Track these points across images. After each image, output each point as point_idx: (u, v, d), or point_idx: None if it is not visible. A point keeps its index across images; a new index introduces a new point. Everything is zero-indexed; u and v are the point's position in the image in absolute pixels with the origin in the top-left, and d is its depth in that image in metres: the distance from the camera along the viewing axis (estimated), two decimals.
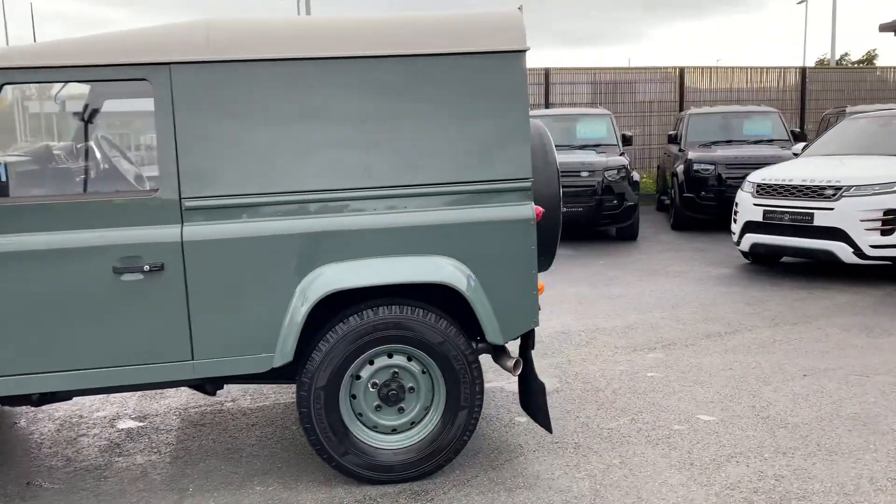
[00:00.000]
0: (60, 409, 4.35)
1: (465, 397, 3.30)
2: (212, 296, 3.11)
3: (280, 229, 3.12)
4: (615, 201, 9.82)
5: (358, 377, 3.28)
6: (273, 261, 3.12)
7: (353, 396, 3.29)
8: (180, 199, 3.07)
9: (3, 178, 3.09)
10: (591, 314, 6.26)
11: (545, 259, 3.86)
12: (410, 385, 3.33)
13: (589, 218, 9.79)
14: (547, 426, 3.47)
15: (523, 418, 4.05)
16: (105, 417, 4.21)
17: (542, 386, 3.46)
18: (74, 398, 4.25)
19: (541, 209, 3.36)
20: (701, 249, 9.32)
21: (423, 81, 3.19)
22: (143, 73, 3.03)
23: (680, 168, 10.98)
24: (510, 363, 3.40)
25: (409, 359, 3.30)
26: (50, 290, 3.00)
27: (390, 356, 3.29)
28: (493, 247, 3.27)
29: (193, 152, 3.06)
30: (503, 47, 3.23)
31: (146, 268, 3.03)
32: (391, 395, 3.29)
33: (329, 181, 3.16)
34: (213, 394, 3.50)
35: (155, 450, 3.78)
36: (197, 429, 4.03)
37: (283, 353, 3.15)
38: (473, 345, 3.45)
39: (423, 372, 3.32)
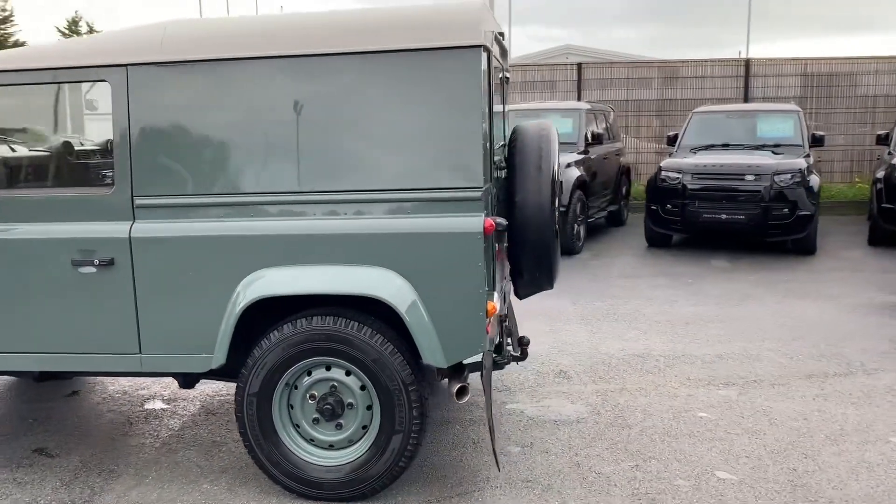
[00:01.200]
0: (117, 382, 4.72)
1: (399, 421, 3.07)
2: (158, 292, 3.17)
3: (221, 230, 3.11)
4: (786, 209, 8.66)
5: (295, 387, 3.18)
6: (214, 261, 3.12)
7: (292, 406, 3.20)
8: (132, 197, 3.16)
9: None
10: (689, 338, 5.58)
11: (541, 278, 3.50)
12: (350, 401, 3.16)
13: (752, 227, 8.74)
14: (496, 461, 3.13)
15: (517, 448, 3.70)
16: (142, 396, 4.51)
17: (490, 421, 3.12)
18: None
19: (492, 222, 3.01)
20: (886, 271, 7.95)
21: (369, 81, 3.00)
22: (102, 75, 3.15)
23: (882, 174, 9.46)
24: (454, 388, 3.11)
25: (348, 373, 3.13)
26: (18, 277, 3.24)
27: (329, 369, 3.14)
28: (436, 261, 3.00)
29: (146, 152, 3.14)
30: (453, 43, 2.94)
31: (96, 261, 3.16)
32: (327, 409, 3.15)
33: (271, 184, 3.09)
34: (189, 387, 3.57)
35: (154, 434, 3.97)
36: (205, 417, 4.17)
37: (219, 355, 3.14)
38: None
39: (363, 389, 3.14)
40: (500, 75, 3.95)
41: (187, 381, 3.52)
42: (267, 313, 3.17)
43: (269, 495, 3.25)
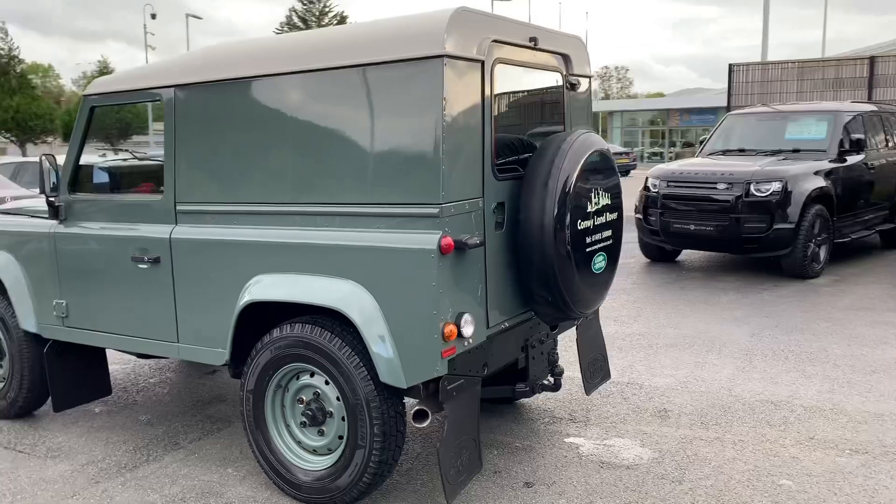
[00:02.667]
0: None
1: (361, 436, 3.04)
2: (189, 289, 3.52)
3: (230, 235, 3.36)
4: None
5: (287, 389, 3.31)
6: (226, 264, 3.37)
7: (284, 407, 3.34)
8: (175, 203, 3.55)
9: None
10: (858, 389, 4.61)
11: (555, 303, 3.22)
12: (330, 409, 3.21)
13: None
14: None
15: (534, 485, 3.42)
16: None
17: (439, 448, 2.94)
18: None
19: (451, 241, 2.83)
20: None
21: (347, 93, 3.03)
22: (157, 95, 3.58)
23: None
24: (412, 411, 2.99)
25: (328, 382, 3.18)
26: (96, 268, 3.82)
27: (312, 375, 3.22)
28: (395, 277, 2.92)
29: (185, 162, 3.50)
30: (412, 54, 2.84)
31: (146, 259, 3.60)
32: (308, 414, 3.24)
33: (264, 195, 3.27)
34: (237, 377, 3.86)
35: (235, 417, 4.37)
36: None
37: (226, 351, 3.39)
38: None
39: (339, 399, 3.16)
40: (561, 83, 3.68)
41: (235, 372, 3.83)
42: (276, 315, 3.34)
43: (268, 488, 3.43)
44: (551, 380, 3.76)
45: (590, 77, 3.91)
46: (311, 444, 3.28)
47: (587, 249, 3.29)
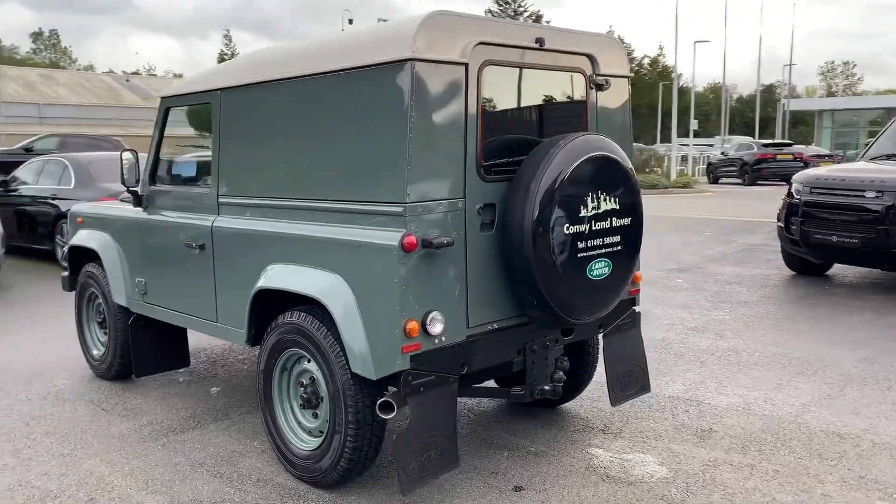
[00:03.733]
0: None
1: (338, 422, 3.19)
2: (225, 274, 3.86)
3: (250, 226, 3.64)
4: None
5: (291, 372, 3.53)
6: (248, 253, 3.66)
7: (289, 387, 3.56)
8: (217, 196, 3.90)
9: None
10: None
11: (540, 308, 3.19)
12: (322, 394, 3.38)
13: None
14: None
15: (523, 489, 3.39)
16: None
17: (395, 440, 2.99)
18: None
19: (414, 240, 2.89)
20: None
21: (334, 96, 3.23)
22: (207, 98, 3.95)
23: None
24: (377, 402, 3.08)
25: (320, 368, 3.35)
26: (162, 251, 4.28)
27: (310, 361, 3.41)
28: (367, 272, 3.05)
29: (225, 158, 3.84)
30: (385, 58, 2.94)
31: (194, 245, 3.99)
32: (304, 397, 3.43)
33: (276, 190, 3.53)
34: None
35: None
36: None
37: (244, 332, 3.68)
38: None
39: (327, 385, 3.32)
40: (584, 84, 3.58)
41: None
42: (289, 302, 3.57)
43: (278, 464, 3.66)
44: (549, 387, 3.66)
45: (627, 77, 3.77)
46: (308, 426, 3.48)
47: (579, 255, 3.19)
